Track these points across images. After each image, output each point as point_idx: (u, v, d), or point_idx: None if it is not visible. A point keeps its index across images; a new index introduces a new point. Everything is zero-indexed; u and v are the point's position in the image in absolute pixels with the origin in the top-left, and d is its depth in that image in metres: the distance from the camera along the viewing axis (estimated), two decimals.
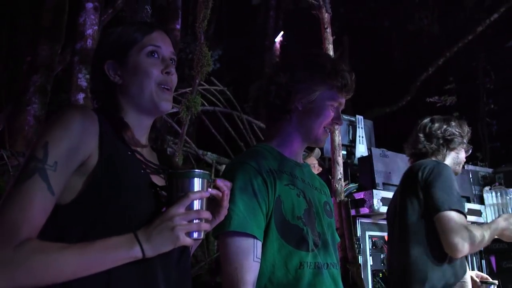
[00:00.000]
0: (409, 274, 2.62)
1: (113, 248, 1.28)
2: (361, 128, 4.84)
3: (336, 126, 2.22)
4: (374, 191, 4.11)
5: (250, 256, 1.72)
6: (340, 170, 3.90)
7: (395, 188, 4.39)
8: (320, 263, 1.85)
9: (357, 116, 4.93)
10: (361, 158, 4.68)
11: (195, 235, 1.36)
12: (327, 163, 5.23)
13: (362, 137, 4.82)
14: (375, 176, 4.25)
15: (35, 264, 1.20)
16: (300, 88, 1.94)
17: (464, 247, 2.43)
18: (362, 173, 4.40)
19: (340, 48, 13.48)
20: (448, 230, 2.46)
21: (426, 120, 2.97)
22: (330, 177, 3.92)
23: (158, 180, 1.51)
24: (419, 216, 2.65)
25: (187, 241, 1.34)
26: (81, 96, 6.77)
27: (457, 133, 2.88)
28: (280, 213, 1.81)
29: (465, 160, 2.96)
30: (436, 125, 2.90)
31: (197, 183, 1.38)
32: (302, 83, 1.95)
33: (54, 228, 1.30)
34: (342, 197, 3.82)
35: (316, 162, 5.32)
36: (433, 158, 2.85)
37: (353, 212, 3.79)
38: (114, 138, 1.44)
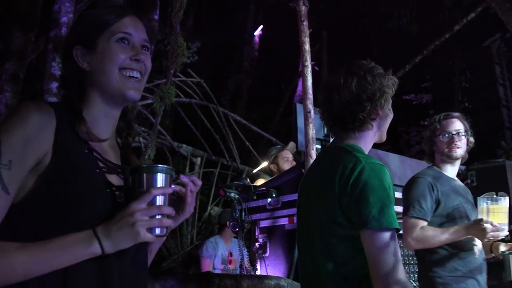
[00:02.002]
0: None
1: (71, 246, 1.24)
2: None
3: None
4: None
5: None
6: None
7: None
8: None
9: None
10: None
11: (157, 231, 1.32)
12: (302, 157, 5.22)
13: None
14: None
15: None
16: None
17: None
18: None
19: (318, 43, 13.49)
20: None
21: None
22: (303, 170, 3.91)
23: (115, 179, 1.45)
24: None
25: (148, 237, 1.30)
26: (54, 85, 6.65)
27: None
28: None
29: None
30: None
31: (160, 179, 1.35)
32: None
33: (8, 227, 1.26)
34: None
35: (290, 155, 5.32)
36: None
37: None
38: (71, 134, 1.38)
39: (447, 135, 3.08)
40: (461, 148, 3.07)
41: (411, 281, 4.75)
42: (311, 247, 1.92)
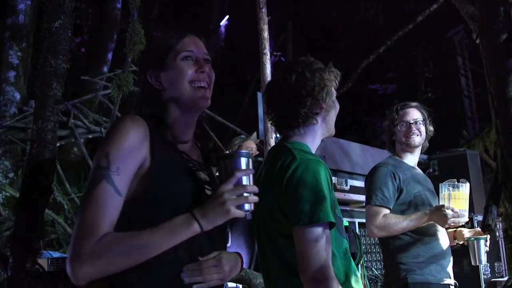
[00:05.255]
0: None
1: (177, 228, 1.50)
2: None
3: None
4: None
5: None
6: None
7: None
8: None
9: None
10: None
11: (246, 207, 1.53)
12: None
13: None
14: None
15: (116, 253, 1.45)
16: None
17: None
18: None
19: (283, 33, 13.47)
20: None
21: None
22: (261, 159, 3.87)
23: (202, 177, 1.71)
24: None
25: (238, 213, 1.52)
26: (12, 73, 6.51)
27: None
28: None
29: None
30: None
31: (243, 162, 1.56)
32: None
33: (121, 219, 1.52)
34: None
35: (254, 146, 5.28)
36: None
37: None
38: (163, 140, 1.64)
39: (404, 125, 3.11)
40: (419, 136, 3.10)
41: (373, 269, 4.78)
42: (260, 242, 2.00)
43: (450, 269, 2.99)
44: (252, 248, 3.91)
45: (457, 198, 2.91)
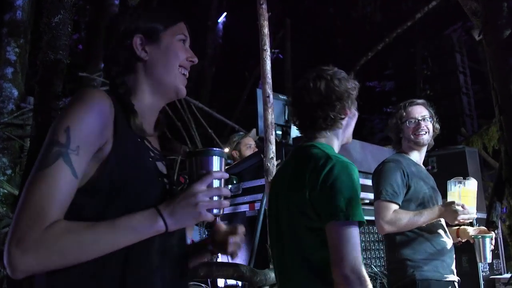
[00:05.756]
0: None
1: (138, 224, 1.33)
2: None
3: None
4: None
5: None
6: (272, 149, 3.83)
7: None
8: None
9: None
10: (296, 138, 4.64)
11: (215, 211, 1.42)
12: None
13: None
14: None
15: (67, 244, 1.26)
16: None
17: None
18: None
19: (282, 30, 13.45)
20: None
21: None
22: (262, 155, 3.86)
23: (160, 167, 1.55)
24: None
25: (208, 216, 1.40)
26: (9, 70, 6.46)
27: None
28: None
29: None
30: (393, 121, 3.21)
31: (216, 161, 1.45)
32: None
33: (72, 209, 1.33)
34: None
35: (253, 142, 5.27)
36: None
37: None
38: (125, 123, 1.46)
39: (413, 121, 3.11)
40: (427, 133, 3.10)
41: (372, 266, 4.78)
42: (280, 239, 2.06)
43: (453, 266, 3.01)
44: (252, 245, 3.90)
45: (466, 196, 2.95)
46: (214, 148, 1.48)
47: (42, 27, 3.02)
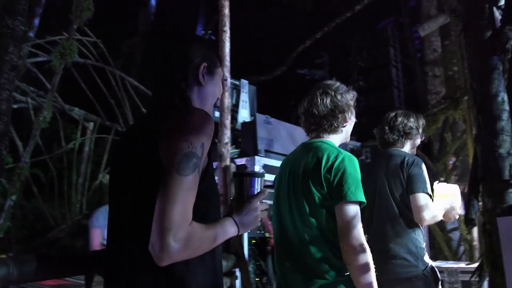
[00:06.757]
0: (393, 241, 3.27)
1: (228, 228, 1.72)
2: (245, 92, 4.74)
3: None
4: (257, 157, 4.05)
5: None
6: (227, 134, 3.75)
7: (277, 155, 4.35)
8: None
9: (242, 80, 4.81)
10: (245, 124, 4.57)
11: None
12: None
13: (246, 101, 4.73)
14: (258, 142, 4.18)
15: (201, 239, 1.59)
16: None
17: (431, 219, 3.23)
18: (244, 139, 4.32)
19: (216, 14, 13.24)
20: (420, 206, 3.17)
21: (391, 114, 3.55)
22: (216, 140, 3.77)
23: None
24: (400, 194, 3.31)
25: (259, 223, 1.88)
26: None
27: (414, 126, 3.51)
28: None
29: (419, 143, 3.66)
30: (399, 119, 3.49)
31: (261, 181, 1.85)
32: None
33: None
34: (228, 162, 3.68)
35: None
36: (397, 147, 3.51)
37: None
38: None
39: (423, 137, 3.68)
40: None
41: None
42: (290, 216, 2.51)
43: None
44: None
45: (455, 196, 3.39)
46: (260, 171, 1.99)
47: None
